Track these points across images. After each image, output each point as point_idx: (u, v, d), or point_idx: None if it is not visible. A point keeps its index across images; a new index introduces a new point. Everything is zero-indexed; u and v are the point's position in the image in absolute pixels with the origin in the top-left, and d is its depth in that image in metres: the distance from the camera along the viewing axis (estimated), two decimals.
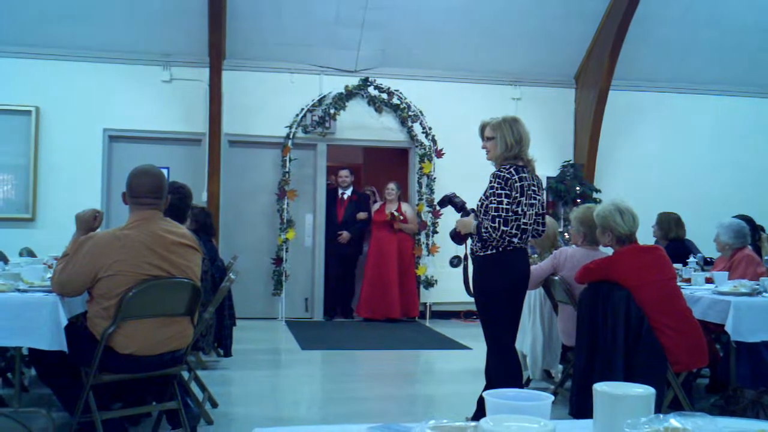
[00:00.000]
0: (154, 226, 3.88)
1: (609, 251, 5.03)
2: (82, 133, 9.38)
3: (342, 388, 6.42)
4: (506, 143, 4.61)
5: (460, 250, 4.85)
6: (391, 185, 9.97)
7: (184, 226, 4.82)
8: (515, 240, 4.50)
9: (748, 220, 6.78)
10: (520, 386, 4.81)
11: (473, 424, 1.51)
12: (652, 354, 4.40)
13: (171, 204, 4.95)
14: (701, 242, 7.58)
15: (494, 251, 4.54)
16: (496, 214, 4.44)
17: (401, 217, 9.80)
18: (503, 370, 4.63)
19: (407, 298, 9.89)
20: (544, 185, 6.35)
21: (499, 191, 4.46)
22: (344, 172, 10.19)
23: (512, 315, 4.65)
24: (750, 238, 6.39)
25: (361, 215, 10.03)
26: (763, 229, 7.57)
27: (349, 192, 10.17)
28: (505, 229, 4.43)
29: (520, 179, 4.49)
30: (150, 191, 3.94)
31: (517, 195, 4.47)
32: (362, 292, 9.96)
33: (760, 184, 10.70)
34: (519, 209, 4.47)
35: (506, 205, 4.44)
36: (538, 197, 4.61)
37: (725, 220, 6.34)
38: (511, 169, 4.51)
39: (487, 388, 4.54)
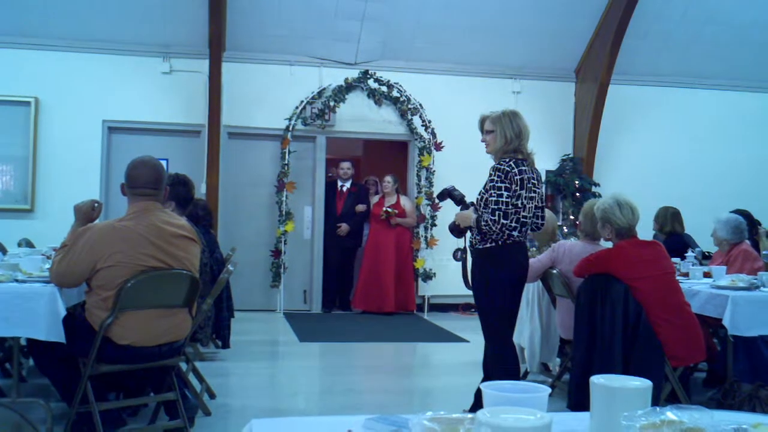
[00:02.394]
0: (153, 218, 3.88)
1: (609, 245, 5.04)
2: (81, 124, 9.36)
3: (340, 380, 6.43)
4: (506, 137, 4.61)
5: (460, 243, 4.85)
6: (388, 178, 9.94)
7: (185, 216, 4.82)
8: (515, 233, 4.51)
9: (746, 214, 6.78)
10: (518, 379, 4.82)
11: (470, 415, 1.51)
12: (650, 348, 4.41)
13: (178, 194, 4.95)
14: (701, 237, 7.57)
15: (493, 244, 4.56)
16: (496, 207, 4.45)
17: (395, 212, 9.76)
18: (501, 362, 4.65)
19: (404, 292, 9.88)
20: (543, 179, 6.36)
21: (499, 184, 4.47)
22: (346, 164, 10.17)
23: (510, 308, 4.66)
24: (747, 233, 6.39)
25: (360, 207, 10.01)
26: (760, 224, 7.57)
27: (348, 184, 10.14)
28: (504, 222, 4.44)
29: (520, 172, 4.50)
30: (148, 182, 3.93)
31: (517, 188, 4.48)
32: (358, 285, 9.96)
33: (760, 179, 10.70)
34: (519, 202, 4.48)
35: (506, 198, 4.45)
36: (537, 190, 4.62)
37: (722, 215, 6.33)
38: (511, 162, 4.52)
39: (484, 380, 4.55)
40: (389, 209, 9.74)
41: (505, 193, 4.46)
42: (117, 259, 3.72)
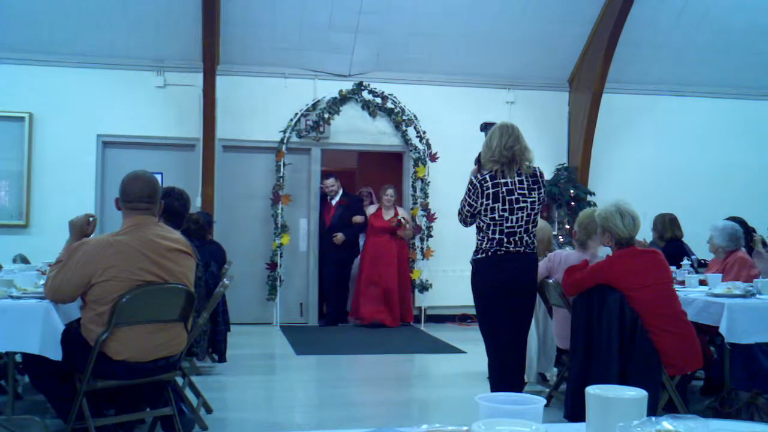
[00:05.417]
0: (148, 232, 3.87)
1: (603, 255, 5.04)
2: (75, 139, 9.36)
3: (337, 393, 6.41)
4: (485, 147, 4.69)
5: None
6: (390, 191, 9.82)
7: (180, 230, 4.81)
8: (504, 244, 4.55)
9: (741, 222, 6.79)
10: (508, 389, 4.82)
11: (465, 428, 1.50)
12: (647, 357, 4.40)
13: (172, 208, 4.94)
14: (694, 244, 7.59)
15: (484, 255, 4.60)
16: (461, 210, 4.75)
17: (407, 225, 9.68)
18: (492, 371, 4.69)
19: (403, 304, 9.83)
20: None
21: (465, 196, 4.67)
22: (329, 181, 9.96)
23: (503, 318, 4.64)
24: (744, 241, 6.40)
25: (358, 219, 9.87)
26: (755, 231, 7.58)
27: (337, 198, 10.00)
28: (465, 227, 4.80)
29: (494, 186, 4.53)
30: (143, 196, 3.92)
31: (489, 202, 4.52)
32: (360, 297, 9.80)
33: (752, 186, 10.73)
34: (495, 215, 4.51)
35: (467, 210, 4.66)
36: (528, 200, 4.61)
37: (719, 222, 6.34)
38: (487, 176, 4.56)
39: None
40: (402, 219, 9.66)
41: (467, 207, 4.66)
42: (112, 273, 3.71)
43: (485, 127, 4.95)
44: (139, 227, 3.87)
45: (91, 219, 4.11)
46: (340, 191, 10.04)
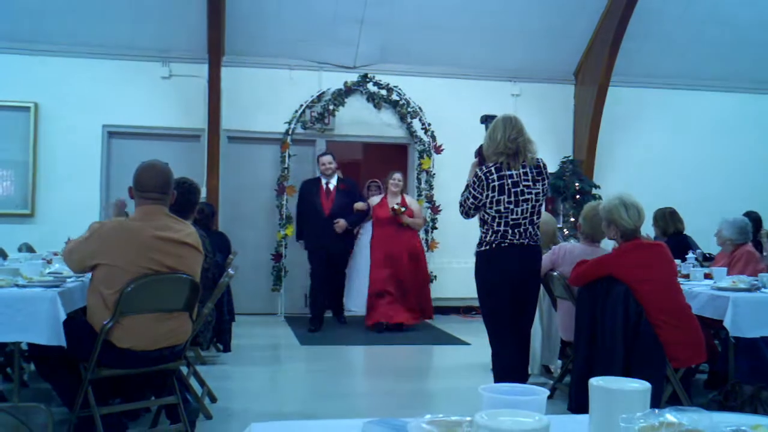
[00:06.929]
0: (159, 222, 3.90)
1: (608, 249, 5.03)
2: (81, 129, 9.37)
3: (340, 383, 6.43)
4: (488, 140, 4.69)
5: None
6: (397, 175, 8.94)
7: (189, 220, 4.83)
8: (508, 236, 4.56)
9: (755, 219, 6.77)
10: (512, 380, 4.83)
11: (468, 418, 1.51)
12: (651, 349, 4.41)
13: (182, 199, 4.98)
14: (701, 238, 7.57)
15: (488, 247, 4.61)
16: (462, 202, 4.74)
17: (404, 210, 8.66)
18: (496, 363, 4.70)
19: (422, 299, 9.01)
20: None
21: (468, 188, 4.68)
22: (326, 158, 8.79)
23: (507, 310, 4.66)
24: (752, 235, 6.39)
25: (361, 205, 8.77)
26: (761, 225, 7.56)
27: (334, 181, 8.83)
28: (465, 219, 4.80)
29: (500, 178, 4.53)
30: (156, 186, 3.95)
31: (495, 194, 4.53)
32: (373, 299, 8.85)
33: (759, 180, 10.70)
34: (501, 207, 4.52)
35: (471, 203, 4.66)
36: (533, 191, 4.62)
37: (730, 216, 6.33)
38: (492, 168, 4.57)
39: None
40: (396, 206, 8.65)
41: (471, 199, 4.64)
42: (121, 259, 3.74)
43: (486, 119, 4.96)
44: (150, 217, 3.90)
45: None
46: (337, 173, 8.99)
